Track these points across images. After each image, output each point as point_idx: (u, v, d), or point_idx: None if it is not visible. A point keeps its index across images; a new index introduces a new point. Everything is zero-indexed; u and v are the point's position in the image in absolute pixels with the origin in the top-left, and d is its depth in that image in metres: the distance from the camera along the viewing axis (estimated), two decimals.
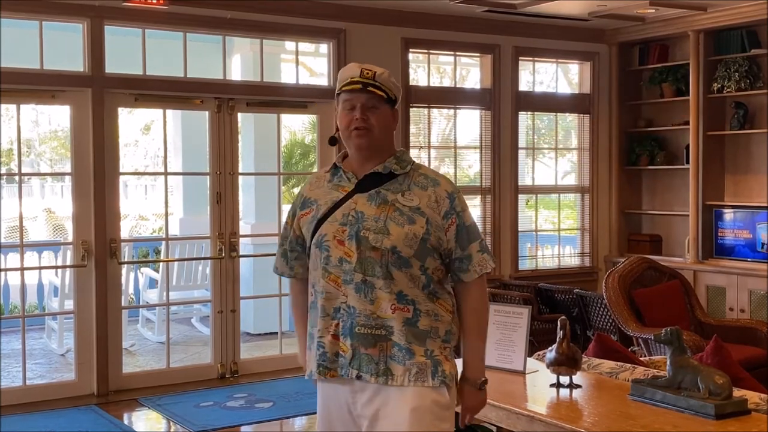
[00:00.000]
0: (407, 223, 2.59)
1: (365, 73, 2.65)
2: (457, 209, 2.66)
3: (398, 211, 2.60)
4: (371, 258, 2.57)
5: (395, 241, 2.56)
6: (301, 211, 2.74)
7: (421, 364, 2.56)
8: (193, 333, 8.77)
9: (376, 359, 2.56)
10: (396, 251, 2.56)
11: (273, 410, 5.99)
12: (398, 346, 2.56)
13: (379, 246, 2.56)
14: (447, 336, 2.64)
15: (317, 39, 7.39)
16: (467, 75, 9.32)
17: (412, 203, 2.62)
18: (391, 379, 2.56)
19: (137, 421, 5.98)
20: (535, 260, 8.59)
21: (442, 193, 2.66)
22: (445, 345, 2.63)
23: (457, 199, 2.68)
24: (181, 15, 6.51)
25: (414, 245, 2.58)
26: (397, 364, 2.56)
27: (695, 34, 7.65)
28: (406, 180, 2.67)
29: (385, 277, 2.56)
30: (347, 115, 2.65)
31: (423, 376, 2.56)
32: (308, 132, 13.08)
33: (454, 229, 2.64)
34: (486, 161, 7.95)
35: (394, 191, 2.64)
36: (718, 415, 2.94)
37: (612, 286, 6.04)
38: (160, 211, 8.98)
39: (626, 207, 8.54)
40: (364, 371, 2.57)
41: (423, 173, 2.71)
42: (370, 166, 2.68)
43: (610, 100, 8.45)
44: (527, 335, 3.68)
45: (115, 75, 6.36)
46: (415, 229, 2.58)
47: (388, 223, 2.58)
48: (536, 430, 3.09)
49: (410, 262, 2.58)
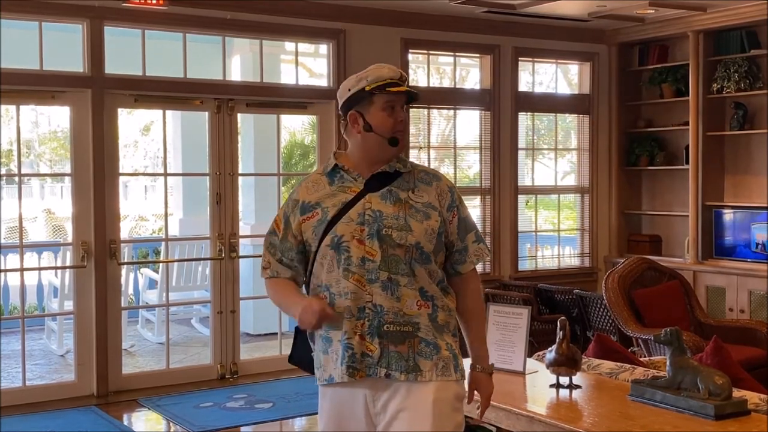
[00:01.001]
0: (424, 218, 2.65)
1: (403, 77, 2.71)
2: (456, 202, 2.75)
3: (413, 208, 2.66)
4: (395, 256, 2.60)
5: (418, 237, 2.62)
6: (302, 216, 2.71)
7: (446, 358, 2.63)
8: (192, 334, 8.77)
9: (405, 356, 2.60)
10: (419, 247, 2.62)
11: (273, 411, 5.99)
12: (425, 342, 2.62)
13: (404, 243, 2.60)
14: (455, 330, 2.71)
15: (317, 40, 7.39)
16: (467, 75, 9.32)
17: (423, 199, 2.68)
18: (420, 375, 2.60)
19: (137, 421, 5.98)
20: (534, 261, 8.59)
21: (444, 187, 2.73)
22: (455, 339, 2.71)
23: (455, 192, 2.78)
24: (181, 16, 6.51)
25: (433, 239, 2.65)
26: (425, 360, 2.61)
27: (695, 34, 7.65)
28: (411, 178, 2.72)
29: (408, 274, 2.61)
30: (390, 116, 2.67)
31: (447, 370, 2.63)
32: (308, 133, 13.08)
33: (456, 222, 2.72)
34: (486, 162, 7.95)
35: (404, 189, 2.69)
36: (718, 415, 2.94)
37: (612, 286, 6.04)
38: (160, 211, 8.97)
39: (626, 207, 8.54)
40: (394, 369, 2.59)
41: (422, 170, 2.77)
42: (378, 166, 2.70)
43: (609, 101, 8.45)
44: (527, 336, 3.68)
45: (115, 76, 6.36)
46: (432, 224, 2.66)
47: (408, 219, 2.63)
48: (536, 430, 3.08)
49: (430, 257, 2.65)
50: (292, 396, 6.28)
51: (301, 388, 6.36)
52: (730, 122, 7.70)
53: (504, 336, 3.73)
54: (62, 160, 15.48)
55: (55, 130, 16.22)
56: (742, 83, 7.48)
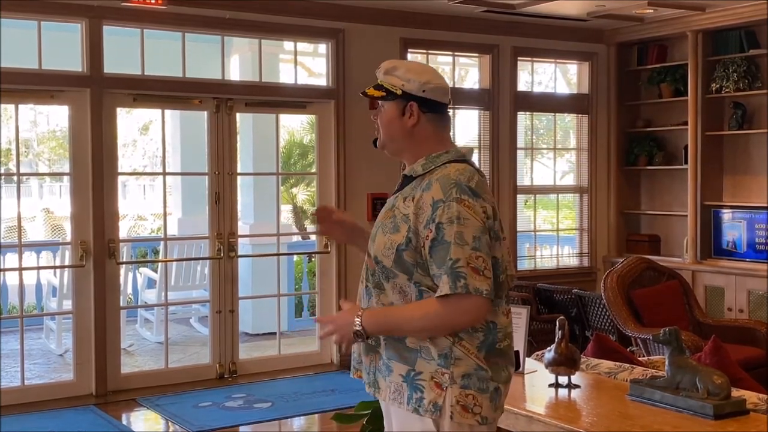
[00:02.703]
0: (391, 231, 2.40)
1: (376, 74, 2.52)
2: (437, 219, 2.31)
3: (392, 218, 2.42)
4: (368, 265, 2.49)
5: (377, 250, 2.42)
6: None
7: (397, 384, 2.41)
8: (191, 333, 8.77)
9: (368, 369, 2.52)
10: (378, 261, 2.42)
11: (271, 410, 5.99)
12: (383, 360, 2.46)
13: (370, 253, 2.47)
14: (444, 360, 2.35)
15: (316, 39, 7.39)
16: (466, 75, 9.32)
17: (406, 210, 2.39)
18: (379, 392, 2.49)
19: (136, 421, 5.98)
20: (533, 260, 8.59)
21: (428, 200, 2.34)
22: (443, 370, 2.35)
23: (443, 208, 2.31)
24: (180, 15, 6.51)
25: (391, 255, 2.38)
26: (381, 378, 2.48)
27: (694, 34, 7.65)
28: (419, 183, 2.42)
29: (376, 286, 2.46)
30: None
31: (400, 397, 2.41)
32: (307, 132, 13.08)
33: (429, 243, 2.32)
34: (485, 161, 7.94)
35: (405, 195, 2.44)
36: (717, 415, 2.94)
37: (611, 286, 6.04)
38: (159, 211, 8.97)
39: (625, 207, 8.54)
40: (364, 378, 2.55)
41: (435, 176, 2.39)
42: (408, 168, 2.52)
43: (608, 101, 8.45)
44: (526, 335, 3.68)
45: (114, 75, 6.36)
46: (394, 238, 2.38)
47: (378, 230, 2.46)
48: (535, 430, 3.08)
49: (395, 273, 2.39)
50: (291, 396, 6.28)
51: (300, 388, 6.35)
52: (729, 122, 7.71)
53: None
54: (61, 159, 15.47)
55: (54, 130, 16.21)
56: (740, 83, 7.48)
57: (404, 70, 2.47)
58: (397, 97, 2.45)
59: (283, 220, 8.84)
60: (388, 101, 2.48)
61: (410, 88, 2.45)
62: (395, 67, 2.49)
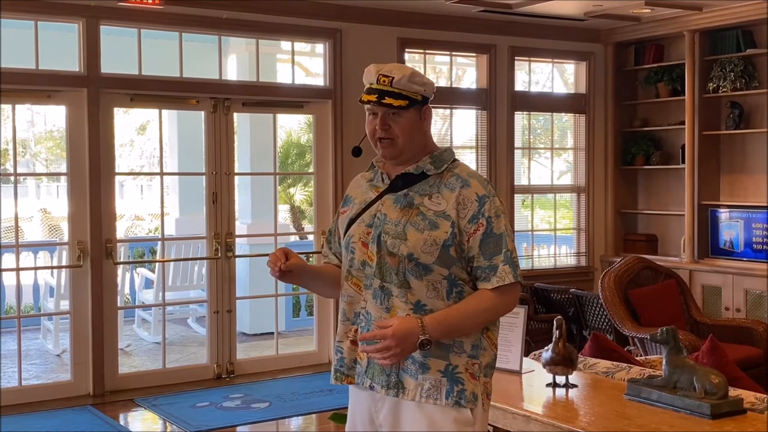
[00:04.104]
0: (428, 228, 2.43)
1: (381, 80, 2.49)
2: (487, 214, 2.45)
3: (421, 215, 2.46)
4: (389, 264, 2.45)
5: (412, 247, 2.42)
6: (342, 209, 2.67)
7: (435, 380, 2.43)
8: (189, 333, 8.77)
9: (387, 371, 2.46)
10: (413, 258, 2.43)
11: (269, 410, 5.99)
12: (412, 359, 2.44)
13: (396, 252, 2.44)
14: (474, 351, 2.47)
15: (313, 39, 7.39)
16: (463, 75, 9.33)
17: (438, 207, 2.46)
18: (403, 393, 2.45)
19: (133, 421, 5.97)
20: (531, 260, 8.60)
21: (472, 195, 2.46)
22: (473, 361, 2.46)
23: (489, 203, 2.46)
24: (177, 15, 6.51)
25: (435, 252, 2.42)
26: (409, 378, 2.45)
27: (691, 34, 7.66)
28: (438, 181, 2.51)
29: (401, 285, 2.44)
30: (371, 122, 2.53)
31: (436, 393, 2.43)
32: (304, 132, 13.08)
33: (479, 236, 2.44)
34: (482, 161, 7.95)
35: (423, 193, 2.49)
36: (714, 414, 2.94)
37: (608, 285, 6.04)
38: (156, 211, 8.98)
39: (622, 207, 8.55)
40: (376, 382, 2.48)
41: (456, 173, 2.51)
42: (403, 166, 2.56)
43: (605, 100, 8.46)
44: (523, 335, 3.68)
45: (111, 75, 6.36)
46: (437, 235, 2.43)
47: (407, 228, 2.45)
48: (532, 429, 3.09)
49: (431, 268, 2.43)
50: (289, 396, 6.27)
51: (298, 388, 6.35)
52: (726, 122, 7.71)
53: (500, 335, 3.72)
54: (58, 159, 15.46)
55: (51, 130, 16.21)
56: (737, 83, 7.49)
57: (417, 75, 2.53)
58: (416, 103, 2.52)
59: (280, 220, 8.85)
60: (409, 109, 2.52)
61: (424, 95, 2.54)
62: (406, 77, 2.52)
